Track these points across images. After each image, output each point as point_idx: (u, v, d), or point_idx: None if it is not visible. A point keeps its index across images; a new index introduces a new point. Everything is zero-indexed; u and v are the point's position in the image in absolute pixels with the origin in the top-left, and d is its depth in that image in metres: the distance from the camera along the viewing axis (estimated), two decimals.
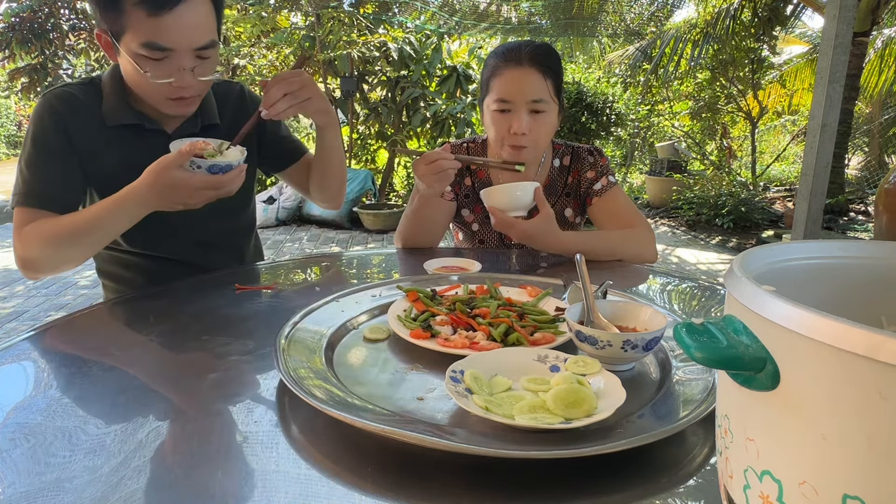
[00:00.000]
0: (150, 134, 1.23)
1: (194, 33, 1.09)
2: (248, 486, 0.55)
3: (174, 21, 1.05)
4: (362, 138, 7.54)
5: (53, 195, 1.16)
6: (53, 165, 1.17)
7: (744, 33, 7.64)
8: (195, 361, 0.84)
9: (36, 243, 1.11)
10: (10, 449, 0.61)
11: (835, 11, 3.43)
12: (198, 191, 1.05)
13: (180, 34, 1.07)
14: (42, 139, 1.17)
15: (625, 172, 10.09)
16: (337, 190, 1.43)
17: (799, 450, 0.34)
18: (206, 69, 1.15)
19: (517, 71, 1.37)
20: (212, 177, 1.06)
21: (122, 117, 1.20)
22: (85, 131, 1.19)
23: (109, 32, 1.10)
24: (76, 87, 1.22)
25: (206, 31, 1.11)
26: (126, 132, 1.22)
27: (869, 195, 7.23)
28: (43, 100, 1.19)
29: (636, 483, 0.56)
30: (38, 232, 1.11)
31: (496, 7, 9.73)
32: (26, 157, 1.17)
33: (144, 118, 1.22)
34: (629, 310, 0.85)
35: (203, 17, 1.10)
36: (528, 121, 1.38)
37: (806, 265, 0.48)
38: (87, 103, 1.20)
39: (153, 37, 1.06)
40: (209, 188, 1.06)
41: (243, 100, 1.38)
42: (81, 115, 1.19)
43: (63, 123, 1.17)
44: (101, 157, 1.21)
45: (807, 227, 3.76)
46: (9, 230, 6.44)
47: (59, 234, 1.11)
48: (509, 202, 1.28)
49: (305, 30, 6.81)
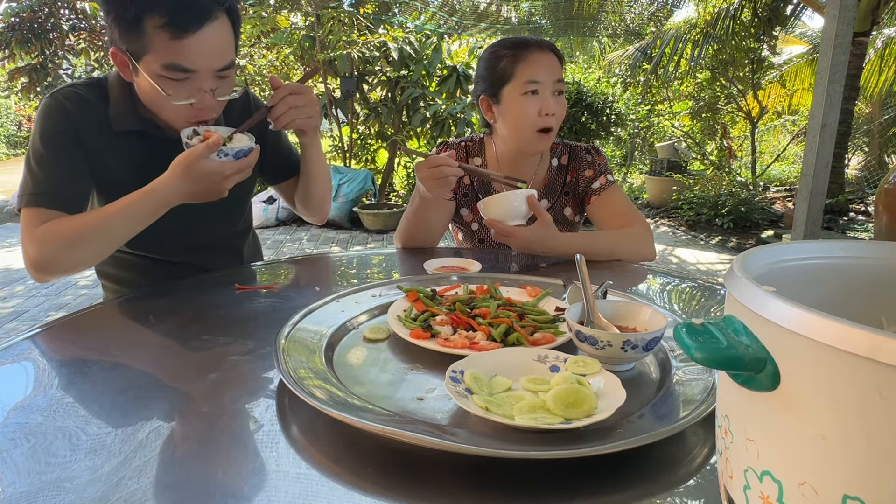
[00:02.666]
0: (156, 139, 1.23)
1: (215, 55, 1.09)
2: (248, 486, 0.55)
3: (197, 44, 1.06)
4: (362, 138, 7.53)
5: (65, 195, 1.14)
6: (64, 164, 1.16)
7: (744, 33, 7.64)
8: (195, 361, 0.84)
9: (52, 244, 1.09)
10: (10, 449, 0.61)
11: (835, 11, 3.43)
12: (228, 177, 1.08)
13: (202, 57, 1.07)
14: (52, 138, 1.16)
15: (625, 172, 10.09)
16: (319, 204, 1.45)
17: (799, 450, 0.34)
18: (225, 89, 1.16)
19: (542, 54, 1.42)
20: (238, 161, 1.09)
21: (129, 123, 1.20)
22: (92, 132, 1.18)
23: (127, 52, 1.09)
24: (82, 88, 1.21)
25: (227, 53, 1.12)
26: (131, 136, 1.21)
27: (869, 195, 7.23)
28: (50, 99, 1.18)
29: (636, 483, 0.56)
30: (54, 232, 1.09)
31: (496, 7, 9.73)
32: (35, 156, 1.15)
33: (151, 125, 1.22)
34: (629, 310, 0.85)
35: (224, 39, 1.10)
36: (554, 102, 1.42)
37: (806, 265, 0.48)
38: (94, 104, 1.19)
39: (176, 58, 1.06)
40: (237, 172, 1.09)
41: (248, 104, 1.39)
42: (89, 116, 1.18)
43: (72, 122, 1.16)
44: (105, 160, 1.20)
45: (807, 227, 3.76)
46: (8, 230, 6.43)
47: (77, 233, 1.09)
48: (507, 212, 1.29)
49: (305, 30, 6.81)
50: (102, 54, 7.12)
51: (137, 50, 1.07)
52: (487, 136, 1.60)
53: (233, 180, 1.10)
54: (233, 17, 1.12)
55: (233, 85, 1.19)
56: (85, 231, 1.09)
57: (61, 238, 1.09)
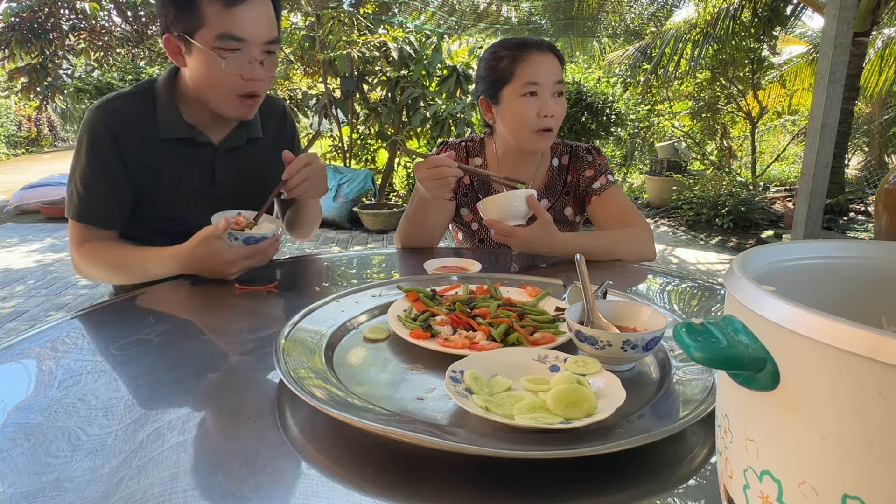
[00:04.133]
0: (199, 146, 1.29)
1: (264, 26, 1.18)
2: (248, 485, 0.55)
3: (248, 12, 1.15)
4: (362, 138, 7.53)
5: (108, 214, 1.26)
6: (108, 183, 1.24)
7: (744, 33, 7.64)
8: (195, 361, 0.84)
9: (90, 264, 1.25)
10: (10, 449, 0.61)
11: (835, 11, 3.43)
12: (232, 262, 1.15)
13: (252, 25, 1.16)
14: (96, 156, 1.23)
15: (625, 172, 10.09)
16: (306, 230, 1.55)
17: (799, 450, 0.34)
18: (271, 66, 1.23)
19: (542, 55, 1.42)
20: (247, 247, 1.16)
21: (175, 130, 1.26)
22: (138, 144, 1.24)
23: (181, 34, 1.16)
24: (126, 99, 1.26)
25: (273, 26, 1.20)
26: (177, 144, 1.27)
27: (869, 195, 7.22)
28: (95, 113, 1.23)
29: (636, 483, 0.56)
30: (92, 254, 1.24)
31: (496, 7, 9.73)
32: (81, 173, 1.24)
33: (195, 131, 1.27)
34: (629, 310, 0.85)
35: (270, 13, 1.20)
36: (554, 104, 1.42)
37: (806, 265, 0.48)
38: (138, 116, 1.25)
39: (229, 27, 1.14)
40: (245, 258, 1.16)
41: (284, 120, 1.47)
42: (134, 129, 1.24)
43: (115, 140, 1.23)
44: (151, 169, 1.26)
45: (807, 227, 3.76)
46: (8, 230, 6.45)
47: (107, 264, 1.24)
48: (506, 213, 1.28)
49: (305, 30, 6.81)
50: (102, 54, 7.12)
51: (191, 27, 1.15)
52: (488, 137, 1.60)
53: (241, 265, 1.16)
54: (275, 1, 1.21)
55: (277, 64, 1.27)
56: (114, 265, 1.24)
57: (96, 262, 1.25)
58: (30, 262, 5.18)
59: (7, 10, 6.28)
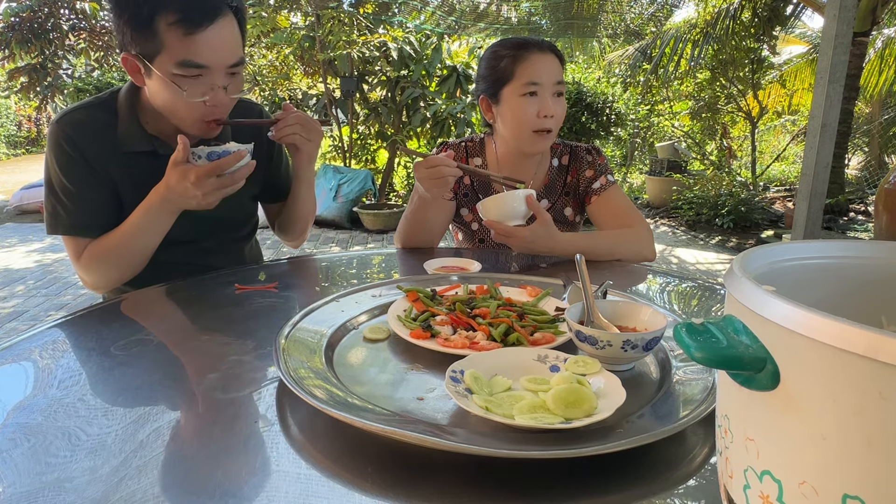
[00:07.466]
0: (164, 159, 1.23)
1: (227, 50, 1.11)
2: (248, 486, 0.55)
3: (209, 39, 1.08)
4: (362, 138, 7.53)
5: (97, 223, 1.22)
6: (88, 193, 1.21)
7: (744, 33, 7.64)
8: (195, 361, 0.84)
9: (93, 267, 1.21)
10: (10, 449, 0.61)
11: (835, 11, 3.43)
12: (199, 181, 1.07)
13: (214, 52, 1.09)
14: (69, 168, 1.19)
15: (625, 172, 10.09)
16: (300, 230, 1.50)
17: (799, 450, 0.34)
18: (236, 87, 1.17)
19: (542, 55, 1.42)
20: (211, 164, 1.07)
21: (136, 143, 1.22)
22: (101, 156, 1.21)
23: (139, 56, 1.10)
24: (88, 111, 1.22)
25: (237, 49, 1.14)
26: (140, 157, 1.23)
27: (869, 195, 7.22)
28: (56, 127, 1.20)
29: (636, 483, 0.56)
30: (93, 258, 1.21)
31: (496, 7, 9.73)
32: (60, 186, 1.20)
33: (158, 143, 1.23)
34: (629, 310, 0.85)
35: (234, 36, 1.13)
36: (553, 104, 1.42)
37: (806, 265, 0.48)
38: (100, 128, 1.21)
39: (189, 55, 1.07)
40: (210, 176, 1.07)
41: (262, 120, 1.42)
42: (97, 141, 1.20)
43: (80, 151, 1.19)
44: (116, 181, 1.23)
45: (807, 227, 3.76)
46: (8, 230, 6.45)
47: (104, 254, 1.20)
48: (506, 213, 1.28)
49: (305, 30, 6.81)
50: (102, 54, 7.12)
51: (150, 51, 1.08)
52: (488, 137, 1.60)
53: (208, 185, 1.08)
54: (240, 17, 1.15)
55: (242, 84, 1.21)
56: (120, 248, 1.19)
57: (96, 261, 1.20)
58: (30, 262, 5.19)
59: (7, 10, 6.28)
